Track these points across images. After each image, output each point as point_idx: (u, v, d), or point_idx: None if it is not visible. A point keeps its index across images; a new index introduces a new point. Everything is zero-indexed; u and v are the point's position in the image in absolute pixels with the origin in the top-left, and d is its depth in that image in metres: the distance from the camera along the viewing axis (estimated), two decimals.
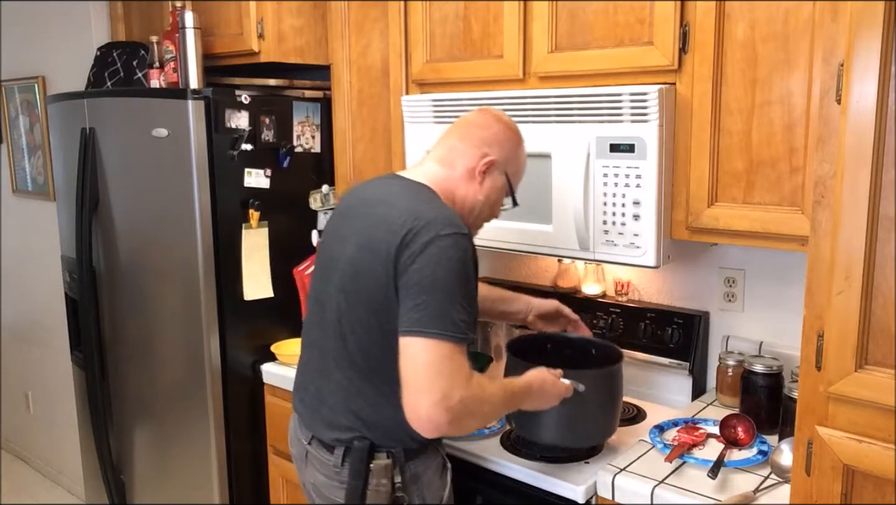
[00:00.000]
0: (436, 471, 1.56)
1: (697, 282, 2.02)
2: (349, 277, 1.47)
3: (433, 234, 1.36)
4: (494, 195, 1.58)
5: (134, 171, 2.34)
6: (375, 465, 1.48)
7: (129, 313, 2.46)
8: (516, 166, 1.60)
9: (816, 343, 1.21)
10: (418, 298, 1.34)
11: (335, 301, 1.50)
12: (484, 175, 1.54)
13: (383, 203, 1.48)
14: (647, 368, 2.05)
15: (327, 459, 1.53)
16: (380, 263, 1.40)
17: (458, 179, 1.54)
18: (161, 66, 2.45)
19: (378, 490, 1.48)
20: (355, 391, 1.49)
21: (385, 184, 1.57)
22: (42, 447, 3.79)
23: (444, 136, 1.60)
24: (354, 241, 1.47)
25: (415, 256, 1.35)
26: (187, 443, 2.34)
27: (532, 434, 1.67)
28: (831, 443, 1.21)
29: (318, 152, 2.42)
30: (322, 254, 1.60)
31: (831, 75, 1.15)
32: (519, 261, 2.39)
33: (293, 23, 2.37)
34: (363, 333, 1.46)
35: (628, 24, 1.69)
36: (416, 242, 1.36)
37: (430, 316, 1.33)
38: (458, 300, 1.35)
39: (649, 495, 1.50)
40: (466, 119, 1.60)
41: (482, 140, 1.54)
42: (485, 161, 1.53)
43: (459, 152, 1.54)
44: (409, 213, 1.40)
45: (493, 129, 1.56)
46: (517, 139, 1.59)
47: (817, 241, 1.19)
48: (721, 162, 1.61)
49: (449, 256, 1.35)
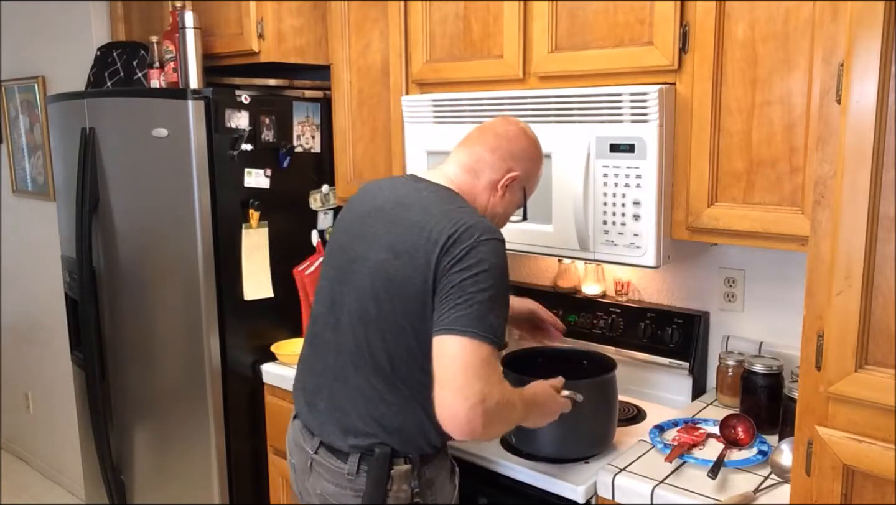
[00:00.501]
0: (447, 475, 1.57)
1: (697, 282, 2.02)
2: (382, 283, 1.44)
3: (474, 239, 1.36)
4: (511, 208, 1.60)
5: (134, 171, 2.34)
6: (396, 471, 1.47)
7: (129, 313, 2.46)
8: (534, 183, 1.64)
9: (816, 343, 1.21)
10: (459, 300, 1.34)
11: (360, 305, 1.47)
12: (506, 189, 1.56)
13: (417, 207, 1.46)
14: (647, 368, 2.05)
15: (339, 466, 1.50)
16: (418, 269, 1.39)
17: (481, 189, 1.55)
18: (161, 66, 2.45)
19: (399, 496, 1.47)
20: (377, 397, 1.47)
21: (412, 186, 1.54)
22: (42, 447, 3.79)
23: (471, 142, 1.58)
24: (388, 246, 1.45)
25: (455, 260, 1.36)
26: (187, 443, 2.34)
27: (530, 446, 1.69)
28: (831, 443, 1.21)
29: (318, 152, 2.42)
30: (338, 253, 1.57)
31: (831, 75, 1.15)
32: (519, 261, 2.39)
33: (293, 23, 2.37)
34: (393, 339, 1.44)
35: (628, 24, 1.69)
36: (458, 247, 1.36)
37: (471, 317, 1.33)
38: (497, 305, 1.36)
39: (649, 495, 1.51)
40: (494, 129, 1.58)
41: (510, 154, 1.55)
42: (509, 176, 1.54)
43: (487, 164, 1.54)
44: (446, 219, 1.40)
45: (521, 145, 1.56)
46: (540, 157, 1.61)
47: (817, 242, 1.19)
48: (721, 162, 1.61)
49: (490, 261, 1.36)
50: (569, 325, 2.19)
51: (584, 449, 1.68)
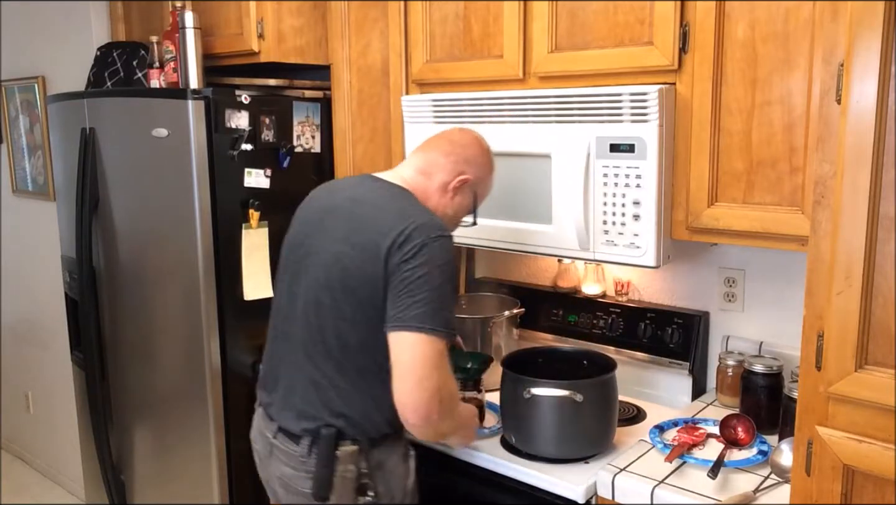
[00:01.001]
0: (399, 458, 1.61)
1: (697, 282, 2.02)
2: (336, 273, 1.52)
3: (425, 236, 1.45)
4: (461, 211, 1.69)
5: (134, 171, 2.34)
6: (342, 451, 1.54)
7: (129, 313, 2.46)
8: (484, 189, 1.73)
9: (816, 343, 1.21)
10: (413, 296, 1.42)
11: (314, 295, 1.55)
12: (456, 191, 1.65)
13: (370, 204, 1.55)
14: (647, 368, 2.05)
15: (293, 449, 1.57)
16: (371, 262, 1.47)
17: (433, 190, 1.64)
18: (161, 66, 2.45)
19: (345, 476, 1.54)
20: (328, 383, 1.55)
21: (368, 185, 1.63)
22: (42, 447, 3.79)
23: (426, 147, 1.69)
24: (343, 238, 1.53)
25: (408, 256, 1.44)
26: (187, 443, 2.34)
27: (530, 446, 1.69)
28: (831, 443, 1.21)
29: (318, 152, 2.42)
30: (296, 247, 1.64)
31: (831, 75, 1.15)
32: (519, 261, 2.39)
33: (293, 23, 2.37)
34: (346, 328, 1.52)
35: (628, 24, 1.69)
36: (409, 244, 1.44)
37: (427, 314, 1.42)
38: (448, 299, 1.46)
39: (649, 495, 1.51)
40: (450, 136, 1.70)
41: (463, 159, 1.65)
42: (460, 178, 1.64)
43: (440, 166, 1.64)
44: (399, 216, 1.49)
45: (473, 150, 1.67)
46: (491, 165, 1.72)
47: (817, 242, 1.19)
48: (721, 162, 1.61)
49: (441, 257, 1.45)
50: (569, 325, 2.19)
51: (584, 449, 1.68)
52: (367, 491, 1.56)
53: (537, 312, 2.24)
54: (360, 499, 1.55)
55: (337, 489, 1.54)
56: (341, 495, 1.54)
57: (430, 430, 1.49)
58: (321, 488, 1.54)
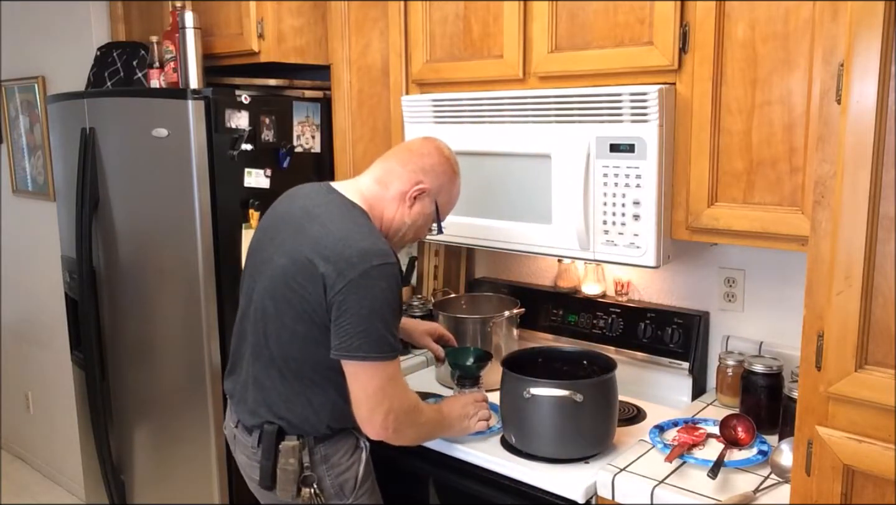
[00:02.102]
0: (346, 452, 1.66)
1: (697, 282, 2.02)
2: (279, 285, 1.57)
3: (367, 265, 1.48)
4: (421, 220, 1.69)
5: (134, 171, 2.34)
6: (284, 446, 1.61)
7: (129, 313, 2.46)
8: (447, 198, 1.72)
9: (816, 343, 1.21)
10: (359, 326, 1.48)
11: (261, 302, 1.62)
12: (414, 200, 1.65)
13: (319, 222, 1.57)
14: (647, 368, 2.05)
15: (247, 441, 1.69)
16: (311, 281, 1.51)
17: (390, 200, 1.65)
18: (161, 66, 2.44)
19: (285, 469, 1.61)
20: (270, 386, 1.63)
21: (323, 197, 1.64)
22: (42, 447, 3.79)
23: (386, 157, 1.70)
24: (287, 253, 1.57)
25: (350, 285, 1.47)
26: (187, 443, 2.34)
27: (530, 446, 1.69)
28: (831, 443, 1.21)
29: (318, 152, 2.42)
30: (256, 250, 1.70)
31: (831, 75, 1.15)
32: (519, 261, 2.39)
33: (293, 23, 2.37)
34: (287, 338, 1.58)
35: (628, 24, 1.69)
36: (351, 272, 1.47)
37: (372, 343, 1.49)
38: (390, 324, 1.52)
39: (649, 495, 1.51)
40: (410, 146, 1.72)
41: (420, 168, 1.65)
42: (417, 188, 1.64)
43: (396, 175, 1.65)
44: (342, 239, 1.51)
45: (432, 160, 1.67)
46: (452, 173, 1.71)
47: (817, 242, 1.19)
48: (721, 162, 1.61)
49: (382, 286, 1.49)
50: (569, 325, 2.19)
51: (584, 449, 1.68)
52: (311, 483, 1.62)
53: (537, 312, 2.24)
54: (303, 491, 1.62)
55: (280, 481, 1.62)
56: (283, 487, 1.62)
57: (396, 442, 1.60)
58: (265, 478, 1.65)
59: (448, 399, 1.81)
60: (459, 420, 1.74)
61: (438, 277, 2.46)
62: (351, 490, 1.66)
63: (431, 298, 2.37)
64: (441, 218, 1.72)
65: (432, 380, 2.22)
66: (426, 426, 1.67)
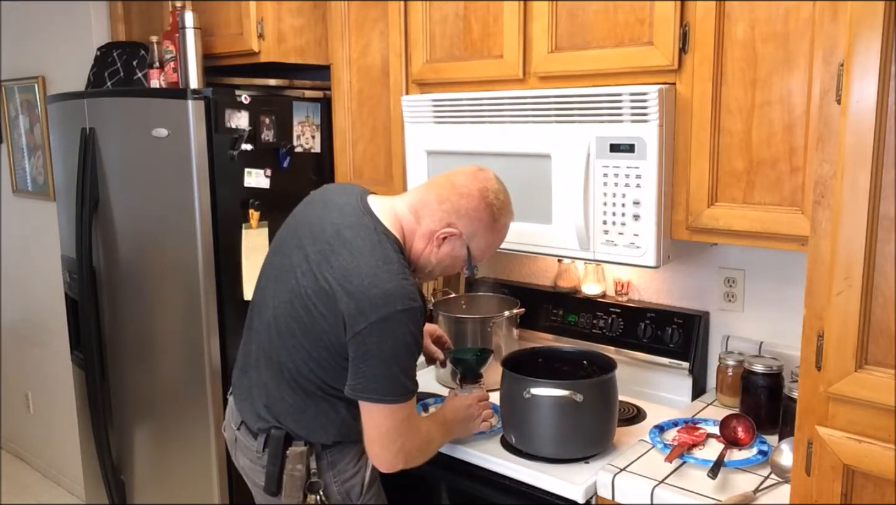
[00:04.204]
0: (353, 458, 1.65)
1: (697, 282, 2.02)
2: (299, 307, 1.53)
3: (391, 309, 1.43)
4: (448, 261, 1.60)
5: (134, 171, 2.34)
6: (291, 451, 1.59)
7: (129, 313, 2.46)
8: (482, 243, 1.60)
9: (816, 343, 1.21)
10: (377, 369, 1.46)
11: (277, 313, 1.58)
12: (443, 241, 1.57)
13: (347, 248, 1.50)
14: (647, 368, 2.05)
15: (251, 444, 1.65)
16: (331, 312, 1.48)
17: (420, 235, 1.57)
18: (161, 66, 2.45)
19: (293, 475, 1.59)
20: (277, 396, 1.60)
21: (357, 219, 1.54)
22: (42, 447, 3.79)
23: (430, 184, 1.63)
24: (311, 273, 1.52)
25: (372, 328, 1.44)
26: (187, 443, 2.34)
27: (530, 446, 1.69)
28: (831, 443, 1.21)
29: (318, 152, 2.42)
30: (280, 252, 1.63)
31: (831, 75, 1.15)
32: (519, 261, 2.39)
33: (293, 23, 2.37)
34: (302, 357, 1.55)
35: (628, 24, 1.69)
36: (374, 314, 1.43)
37: (388, 386, 1.47)
38: (408, 368, 1.50)
39: (649, 495, 1.51)
40: (454, 179, 1.59)
41: (454, 210, 1.55)
42: (447, 231, 1.56)
43: (430, 212, 1.56)
44: (369, 276, 1.45)
45: (470, 203, 1.55)
46: (491, 220, 1.58)
47: (817, 242, 1.19)
48: (721, 162, 1.61)
49: (403, 331, 1.45)
50: (569, 325, 2.19)
51: (584, 449, 1.68)
52: (317, 490, 1.60)
53: (537, 312, 2.24)
54: (310, 497, 1.60)
55: (286, 486, 1.60)
56: (289, 493, 1.60)
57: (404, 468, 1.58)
58: (271, 484, 1.61)
59: (450, 400, 1.78)
60: (463, 423, 1.74)
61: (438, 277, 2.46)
62: (357, 495, 1.64)
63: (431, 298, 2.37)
64: (475, 261, 1.62)
65: (432, 380, 2.22)
66: (434, 446, 1.66)
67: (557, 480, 1.60)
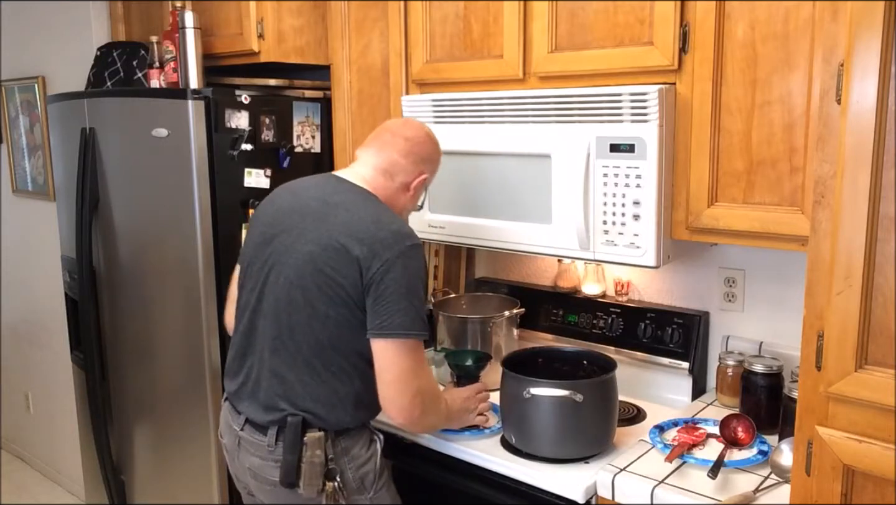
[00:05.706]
0: (364, 444, 1.66)
1: (697, 282, 2.02)
2: (309, 273, 1.56)
3: (402, 246, 1.53)
4: (415, 202, 1.79)
5: (134, 171, 2.34)
6: (309, 437, 1.58)
7: (129, 313, 2.46)
8: (434, 176, 1.80)
9: (816, 343, 1.21)
10: (398, 304, 1.51)
11: (288, 293, 1.59)
12: (416, 190, 1.74)
13: (343, 207, 1.60)
14: (647, 368, 2.05)
15: (261, 440, 1.63)
16: (345, 264, 1.53)
17: (396, 190, 1.70)
18: (161, 66, 2.45)
19: (312, 462, 1.58)
20: (293, 379, 1.60)
21: (334, 186, 1.67)
22: (42, 447, 3.79)
23: (381, 145, 1.72)
24: (314, 241, 1.57)
25: (387, 266, 1.51)
26: (187, 443, 2.34)
27: (530, 446, 1.69)
28: (831, 443, 1.21)
29: (318, 152, 2.42)
30: (261, 245, 1.66)
31: (831, 75, 1.15)
32: (519, 261, 2.39)
33: (293, 23, 2.37)
34: (319, 325, 1.57)
35: (628, 24, 1.69)
36: (387, 253, 1.52)
37: (410, 320, 1.52)
38: (422, 302, 1.57)
39: (649, 495, 1.51)
40: (405, 133, 1.72)
41: (421, 158, 1.72)
42: (421, 178, 1.72)
43: (401, 168, 1.70)
44: (373, 222, 1.56)
45: (428, 148, 1.74)
46: (439, 154, 1.79)
47: (817, 242, 1.19)
48: (721, 162, 1.61)
49: (416, 265, 1.55)
50: (569, 325, 2.19)
51: (584, 449, 1.68)
52: (334, 476, 1.60)
53: (537, 312, 2.24)
54: (327, 485, 1.59)
55: (305, 475, 1.58)
56: (309, 481, 1.58)
57: (416, 427, 1.67)
58: (289, 475, 1.59)
59: (450, 390, 1.83)
60: (459, 414, 1.77)
61: (438, 277, 2.46)
62: (371, 483, 1.65)
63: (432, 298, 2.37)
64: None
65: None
66: (441, 415, 1.69)
67: (557, 480, 1.60)
